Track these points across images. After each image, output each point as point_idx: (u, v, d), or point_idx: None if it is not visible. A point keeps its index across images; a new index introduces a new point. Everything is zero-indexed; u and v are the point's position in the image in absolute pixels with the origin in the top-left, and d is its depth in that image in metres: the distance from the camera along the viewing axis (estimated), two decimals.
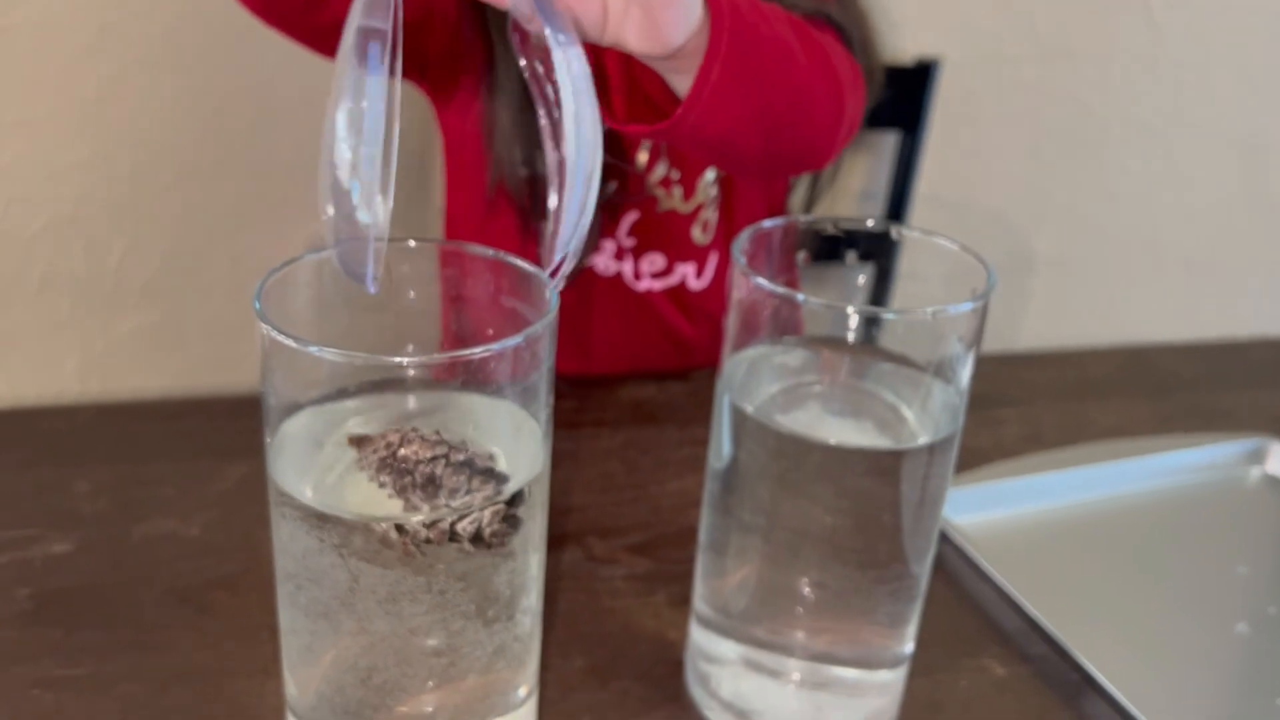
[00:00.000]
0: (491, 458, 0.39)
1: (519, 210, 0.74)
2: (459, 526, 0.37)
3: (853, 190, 1.15)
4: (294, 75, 0.94)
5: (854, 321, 0.45)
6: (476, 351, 0.36)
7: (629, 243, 0.79)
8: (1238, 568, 0.64)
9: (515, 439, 0.42)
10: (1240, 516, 0.70)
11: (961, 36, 1.10)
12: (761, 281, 0.42)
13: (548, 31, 0.40)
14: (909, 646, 0.50)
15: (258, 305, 0.36)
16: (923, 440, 0.47)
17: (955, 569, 0.62)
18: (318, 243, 0.39)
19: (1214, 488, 0.72)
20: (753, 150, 0.58)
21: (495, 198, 0.75)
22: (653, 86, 0.58)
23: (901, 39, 1.09)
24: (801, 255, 0.50)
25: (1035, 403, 0.81)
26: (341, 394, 0.40)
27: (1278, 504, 0.71)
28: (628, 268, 0.80)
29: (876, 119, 1.08)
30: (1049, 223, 1.21)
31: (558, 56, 0.40)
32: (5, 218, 0.98)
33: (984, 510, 0.66)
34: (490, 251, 0.42)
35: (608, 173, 0.73)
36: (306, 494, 0.38)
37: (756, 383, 0.47)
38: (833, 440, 0.44)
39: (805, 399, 0.48)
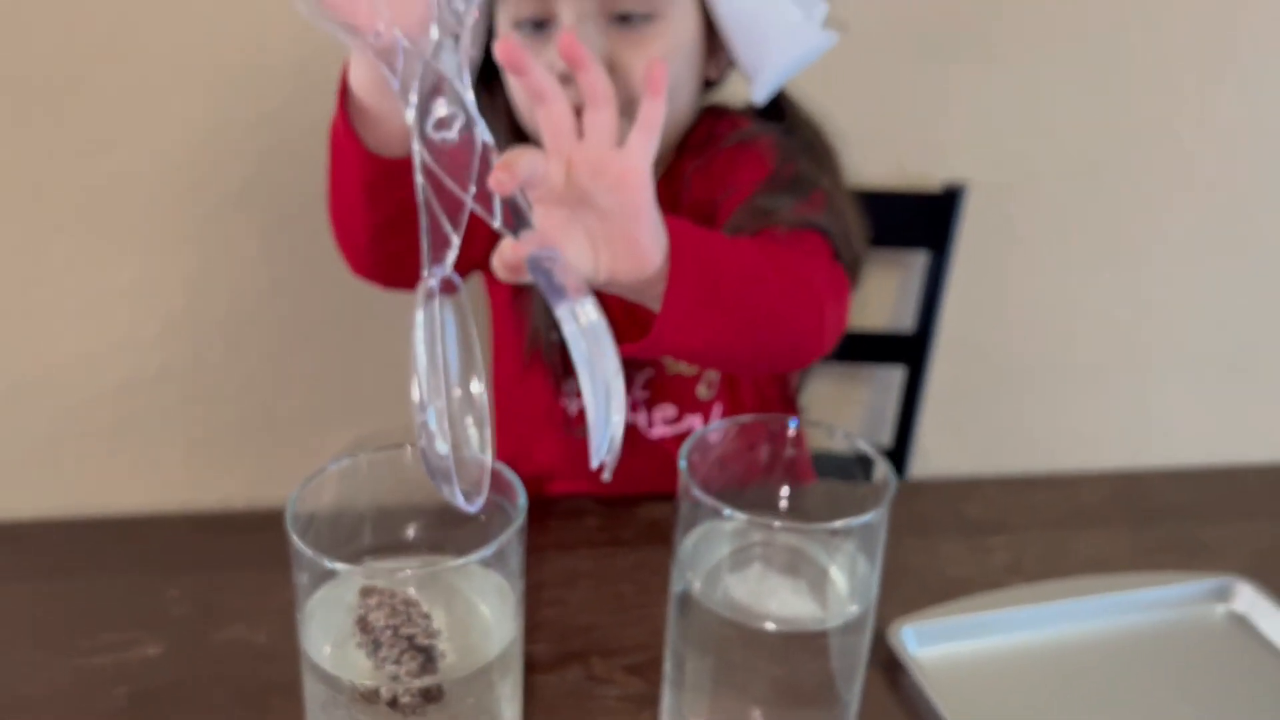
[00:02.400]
0: (433, 636, 0.49)
1: (551, 371, 0.84)
2: (382, 690, 0.47)
3: (886, 305, 1.23)
4: None
5: (777, 529, 0.54)
6: (456, 563, 0.46)
7: (642, 395, 0.88)
8: (1184, 709, 0.70)
9: (500, 600, 0.52)
10: (1201, 656, 0.75)
11: (992, 159, 1.17)
12: (699, 494, 0.51)
13: (554, 307, 0.50)
14: None
15: (290, 524, 0.47)
16: (851, 609, 0.55)
17: (910, 701, 0.69)
18: None
19: (1176, 626, 0.77)
20: (739, 357, 0.68)
21: (532, 358, 0.85)
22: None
23: (932, 163, 1.17)
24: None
25: (1026, 530, 0.88)
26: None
27: (1241, 644, 0.76)
28: (642, 418, 0.89)
29: (908, 239, 1.16)
30: (1082, 331, 1.26)
31: (568, 327, 0.50)
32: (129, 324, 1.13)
33: (948, 642, 0.73)
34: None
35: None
36: (325, 651, 0.49)
37: (708, 549, 0.56)
38: (769, 625, 0.53)
39: (751, 560, 0.57)
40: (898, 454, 1.23)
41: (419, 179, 0.49)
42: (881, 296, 1.22)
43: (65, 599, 0.75)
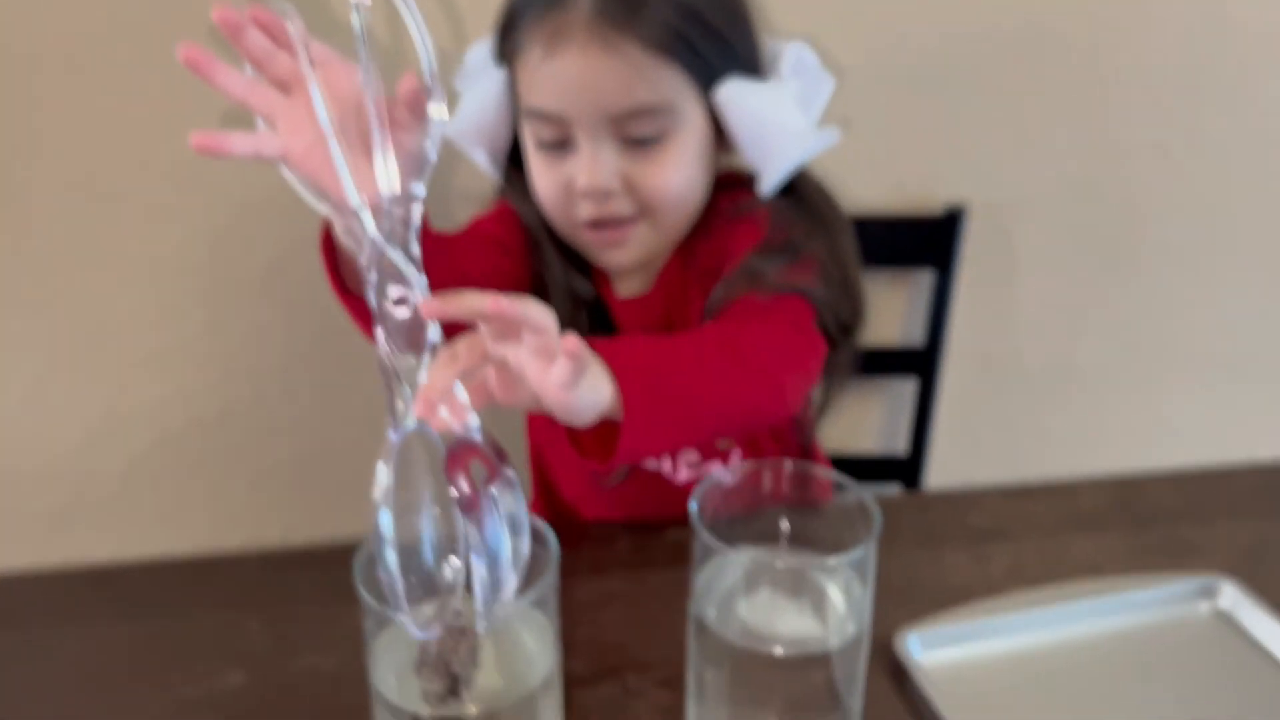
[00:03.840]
0: (468, 665, 0.55)
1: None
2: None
3: (897, 320, 1.29)
4: None
5: (778, 564, 0.61)
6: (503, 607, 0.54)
7: None
8: (1170, 703, 0.76)
9: (541, 635, 0.60)
10: (1187, 653, 0.81)
11: (991, 181, 1.23)
12: (708, 537, 0.59)
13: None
14: None
15: (357, 576, 0.55)
16: (849, 628, 0.62)
17: (915, 704, 0.77)
18: None
19: (1165, 625, 0.83)
20: (706, 439, 0.75)
21: None
22: None
23: (935, 185, 1.23)
24: None
25: (1026, 537, 0.95)
26: None
27: (1225, 641, 0.82)
28: (667, 465, 0.97)
29: (914, 259, 1.23)
30: (1086, 339, 1.32)
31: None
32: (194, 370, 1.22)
33: (950, 646, 0.80)
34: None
35: None
36: (390, 682, 0.57)
37: (721, 577, 0.64)
38: (777, 649, 0.60)
39: (760, 585, 0.64)
40: (913, 463, 1.30)
41: (380, 348, 0.56)
42: (892, 313, 1.28)
43: (156, 636, 0.84)
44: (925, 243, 1.21)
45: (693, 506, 0.61)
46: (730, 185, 0.91)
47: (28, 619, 0.87)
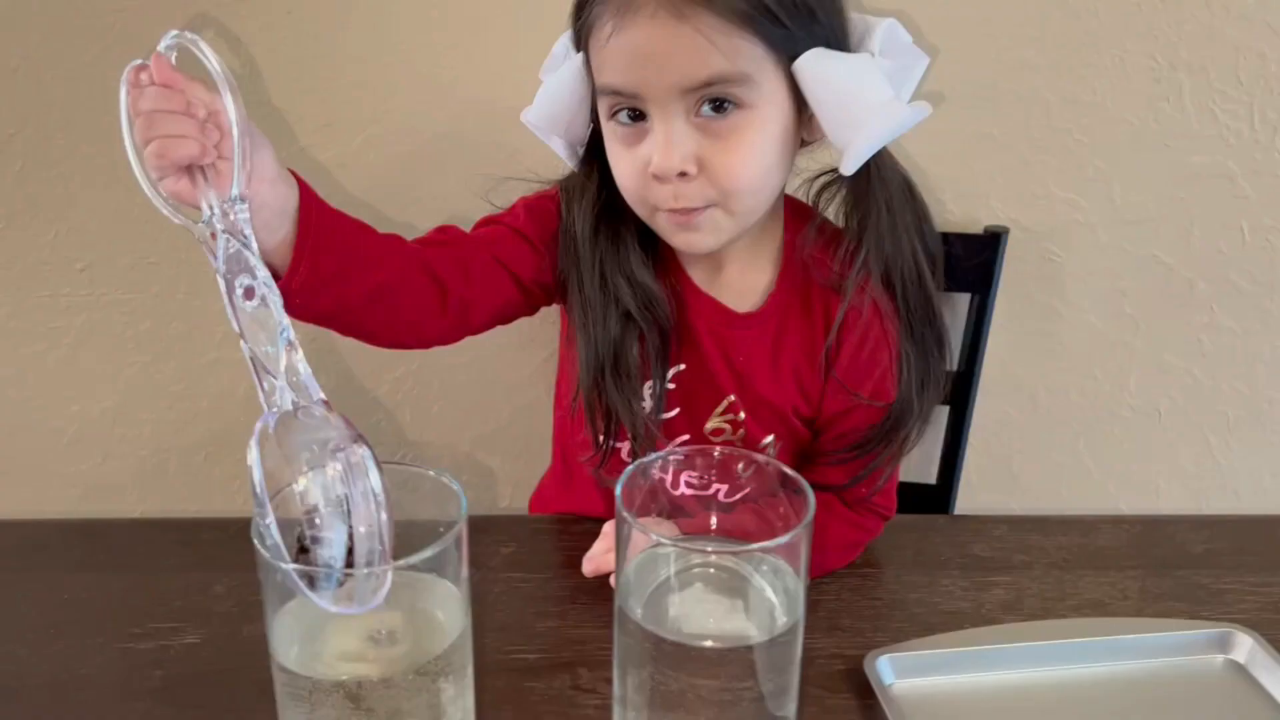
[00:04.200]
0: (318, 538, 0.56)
1: (592, 430, 0.89)
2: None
3: None
4: None
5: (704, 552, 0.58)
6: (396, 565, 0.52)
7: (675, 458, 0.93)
8: None
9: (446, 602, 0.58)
10: (1195, 704, 0.74)
11: (1039, 205, 1.18)
12: (634, 523, 0.56)
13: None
14: None
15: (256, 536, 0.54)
16: (780, 621, 0.58)
17: None
18: None
19: (1172, 674, 0.77)
20: None
21: (578, 414, 0.90)
22: None
23: (975, 204, 1.18)
24: None
25: (1030, 570, 0.89)
26: None
27: (1237, 694, 0.75)
28: (669, 478, 0.94)
29: (953, 281, 1.18)
30: (1133, 375, 1.25)
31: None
32: (220, 346, 1.24)
33: (925, 675, 0.75)
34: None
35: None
36: (292, 654, 0.55)
37: (652, 571, 0.60)
38: (707, 642, 0.57)
39: (692, 581, 0.61)
40: (942, 492, 1.24)
41: (243, 342, 0.60)
42: None
43: (124, 590, 0.84)
44: (963, 265, 1.16)
45: (617, 490, 0.58)
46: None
47: (1, 564, 0.88)
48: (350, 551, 0.56)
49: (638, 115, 0.78)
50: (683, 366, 0.90)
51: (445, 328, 0.86)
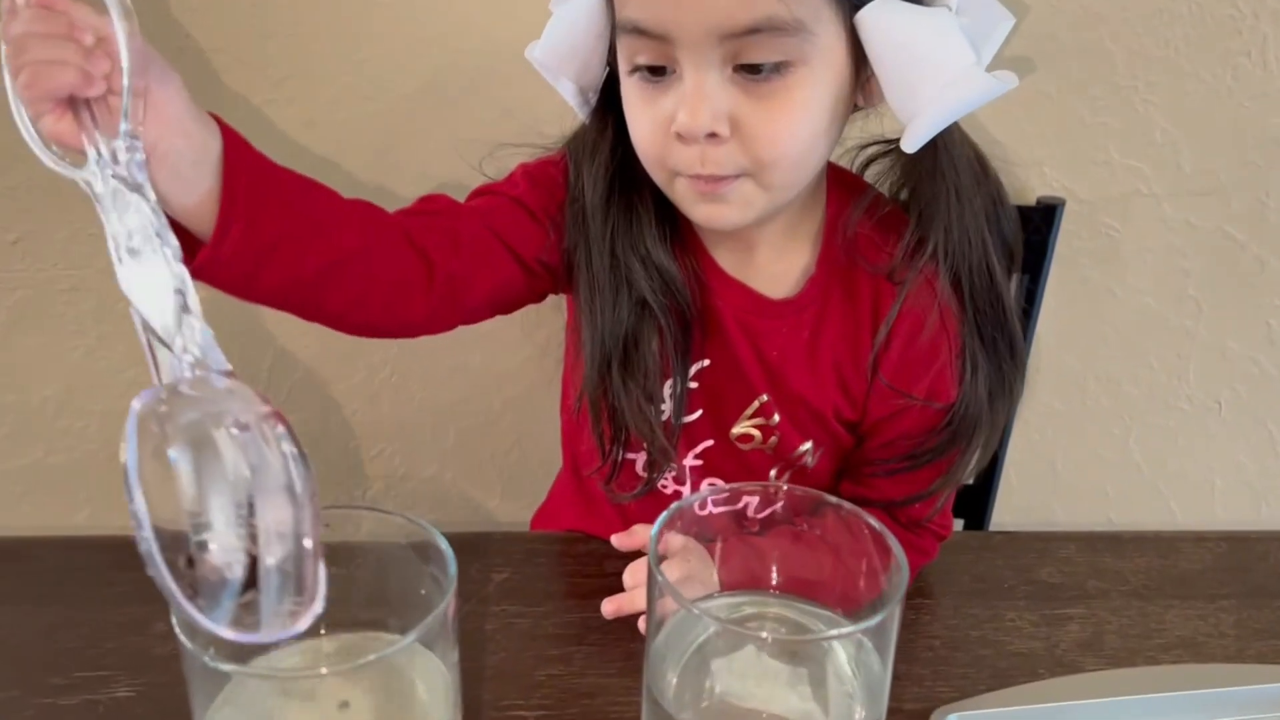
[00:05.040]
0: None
1: (598, 438, 0.77)
2: None
3: None
4: None
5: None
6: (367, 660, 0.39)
7: (694, 464, 0.81)
8: None
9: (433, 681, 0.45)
10: None
11: (1099, 174, 1.05)
12: (663, 583, 0.43)
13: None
14: None
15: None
16: (859, 717, 0.46)
17: None
18: None
19: None
20: None
21: (583, 417, 0.78)
22: None
23: (1029, 174, 1.05)
24: None
25: (1109, 598, 0.77)
26: None
27: None
28: (686, 490, 0.82)
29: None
30: (1196, 363, 1.13)
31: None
32: None
33: None
34: None
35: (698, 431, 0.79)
36: None
37: (690, 631, 0.48)
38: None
39: (743, 641, 0.48)
40: (980, 495, 1.12)
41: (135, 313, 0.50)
42: None
43: (49, 628, 0.71)
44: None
45: (652, 535, 0.45)
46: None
47: None
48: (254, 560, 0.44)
49: (658, 70, 0.65)
50: (707, 362, 0.77)
51: (432, 308, 0.72)
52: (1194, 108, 1.02)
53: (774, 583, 0.51)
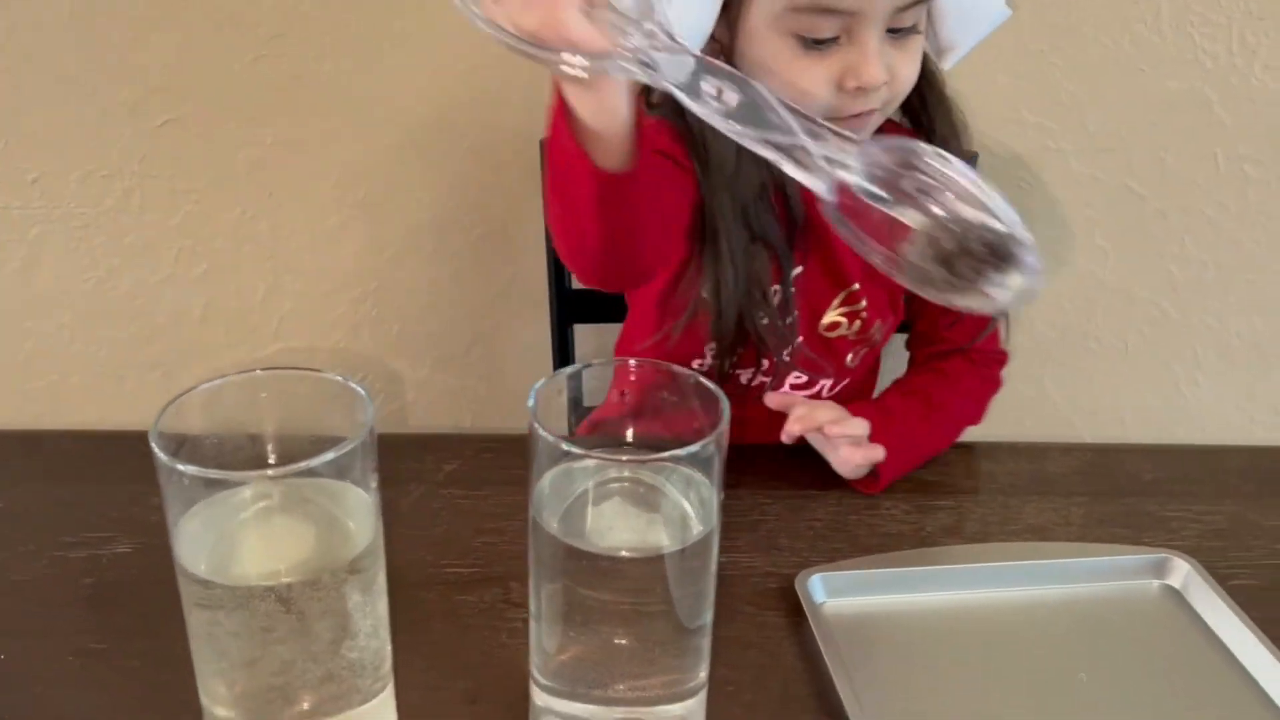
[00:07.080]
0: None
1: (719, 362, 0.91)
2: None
3: None
4: None
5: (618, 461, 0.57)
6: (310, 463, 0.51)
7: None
8: (1080, 674, 0.70)
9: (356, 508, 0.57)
10: (1127, 629, 0.74)
11: (1010, 131, 1.15)
12: (544, 434, 0.55)
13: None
14: (702, 675, 0.61)
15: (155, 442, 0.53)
16: (695, 531, 0.58)
17: (808, 652, 0.71)
18: None
19: (1105, 598, 0.77)
20: None
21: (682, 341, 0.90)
22: None
23: None
24: None
25: (976, 495, 0.88)
26: None
27: (1170, 619, 0.75)
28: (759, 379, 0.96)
29: None
30: (1100, 306, 1.24)
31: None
32: (176, 261, 1.22)
33: (858, 595, 0.75)
34: None
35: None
36: (201, 568, 0.55)
37: (568, 484, 0.60)
38: (621, 552, 0.56)
39: (610, 495, 0.60)
40: None
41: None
42: None
43: (61, 500, 0.84)
44: None
45: (530, 402, 0.57)
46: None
47: None
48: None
49: (839, 32, 0.78)
50: (800, 269, 0.90)
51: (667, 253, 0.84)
52: (1096, 70, 1.12)
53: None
